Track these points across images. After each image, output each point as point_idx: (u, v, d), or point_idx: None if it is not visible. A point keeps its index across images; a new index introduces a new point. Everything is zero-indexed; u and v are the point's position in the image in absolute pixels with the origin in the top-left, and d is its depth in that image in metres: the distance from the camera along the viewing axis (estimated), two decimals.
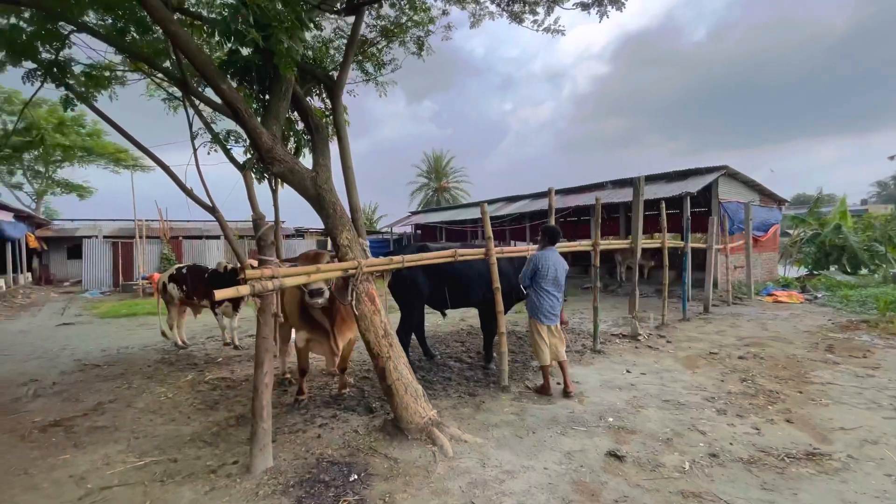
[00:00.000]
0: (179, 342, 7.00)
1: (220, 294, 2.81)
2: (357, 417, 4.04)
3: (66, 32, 4.01)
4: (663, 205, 7.42)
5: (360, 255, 3.77)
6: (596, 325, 6.04)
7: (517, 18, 5.81)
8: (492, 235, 4.57)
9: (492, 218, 16.80)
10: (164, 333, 7.02)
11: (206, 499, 2.79)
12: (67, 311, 11.55)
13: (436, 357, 5.89)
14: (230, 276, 6.46)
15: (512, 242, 18.49)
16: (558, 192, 15.55)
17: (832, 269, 15.06)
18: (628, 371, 5.18)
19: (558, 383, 4.67)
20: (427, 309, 5.67)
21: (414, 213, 25.88)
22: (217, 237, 18.78)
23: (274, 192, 7.41)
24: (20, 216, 16.38)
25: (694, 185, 10.60)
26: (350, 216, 3.98)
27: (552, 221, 5.24)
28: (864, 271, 14.57)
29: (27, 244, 17.18)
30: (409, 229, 23.01)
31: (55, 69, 4.42)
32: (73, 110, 4.86)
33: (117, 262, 16.53)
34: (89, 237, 17.07)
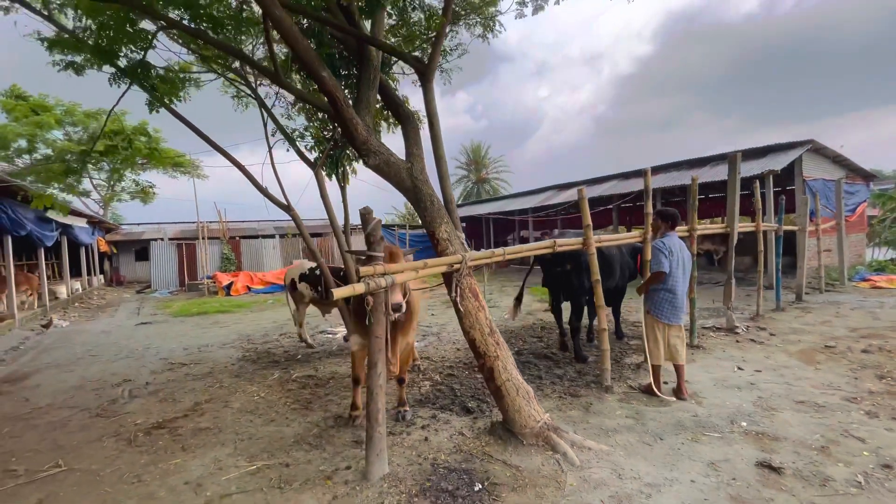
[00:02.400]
0: (309, 340, 6.75)
1: (338, 293, 2.66)
2: (457, 418, 3.84)
3: (153, 32, 4.00)
4: (757, 184, 6.77)
5: (460, 248, 3.55)
6: (693, 318, 5.58)
7: None
8: (590, 223, 4.22)
9: (543, 207, 16.39)
10: (302, 339, 6.77)
11: None
12: (142, 310, 12.11)
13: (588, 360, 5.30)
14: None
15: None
16: (615, 176, 14.86)
17: None
18: (740, 368, 4.72)
19: (665, 382, 4.30)
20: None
21: (458, 206, 25.63)
22: (272, 237, 19.26)
23: (342, 188, 7.36)
24: (92, 222, 17.39)
25: (776, 163, 9.73)
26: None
27: (649, 206, 4.82)
28: None
29: (98, 248, 18.25)
30: None
31: (140, 71, 4.44)
32: (157, 112, 4.91)
33: (182, 263, 17.27)
34: (155, 240, 17.90)
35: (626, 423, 3.56)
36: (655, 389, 4.08)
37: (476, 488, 2.77)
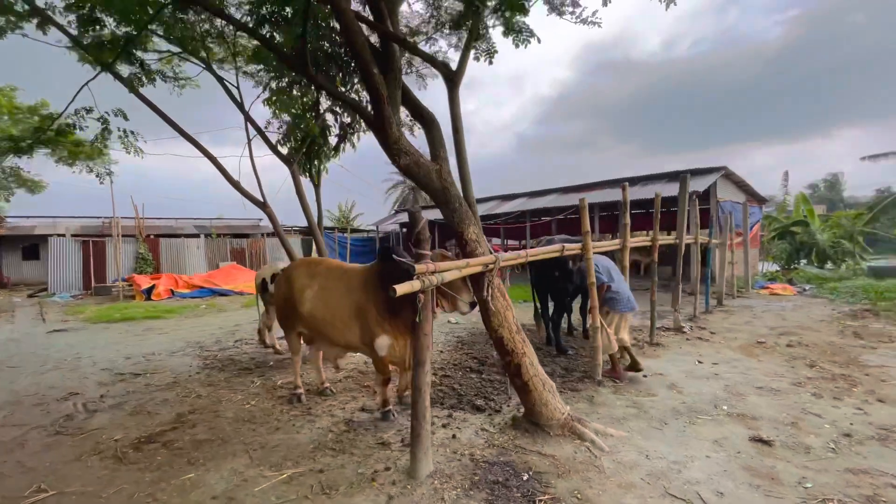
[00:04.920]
0: (277, 346, 6.34)
1: (401, 289, 2.65)
2: (472, 416, 3.93)
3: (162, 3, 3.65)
4: (696, 200, 7.73)
5: (487, 249, 3.68)
6: (653, 320, 6.22)
7: (558, 11, 5.54)
8: (590, 230, 4.58)
9: (487, 216, 16.96)
10: (267, 344, 6.41)
11: None
12: (47, 316, 10.50)
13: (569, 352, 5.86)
14: None
15: (505, 242, 18.66)
16: (555, 190, 15.86)
17: (803, 263, 16.31)
18: (699, 362, 5.37)
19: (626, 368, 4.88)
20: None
21: (400, 211, 25.51)
22: (196, 236, 17.69)
23: (316, 186, 7.13)
24: None
25: (698, 185, 11.12)
26: None
27: (627, 217, 5.32)
28: (829, 265, 15.88)
29: None
30: (396, 227, 22.67)
31: (129, 47, 4.04)
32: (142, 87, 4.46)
33: (88, 263, 15.19)
34: (52, 236, 15.57)
35: (631, 412, 3.91)
36: (617, 374, 4.76)
37: (524, 478, 2.90)
